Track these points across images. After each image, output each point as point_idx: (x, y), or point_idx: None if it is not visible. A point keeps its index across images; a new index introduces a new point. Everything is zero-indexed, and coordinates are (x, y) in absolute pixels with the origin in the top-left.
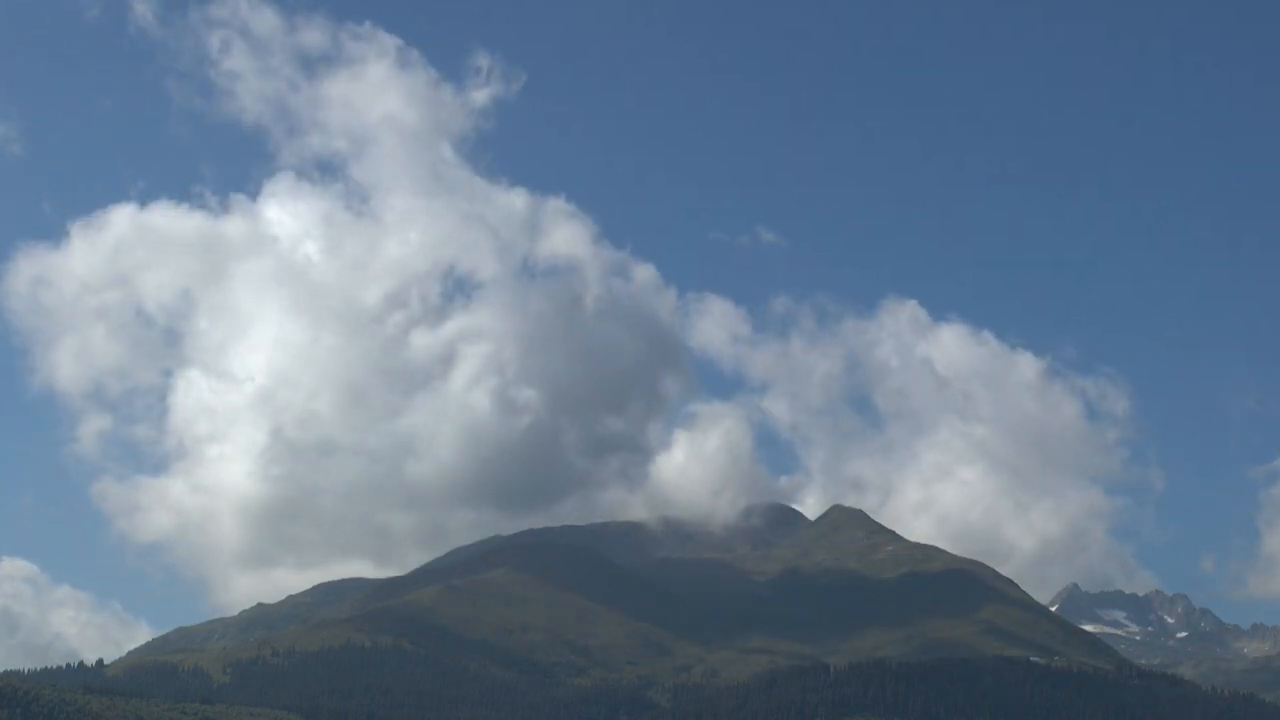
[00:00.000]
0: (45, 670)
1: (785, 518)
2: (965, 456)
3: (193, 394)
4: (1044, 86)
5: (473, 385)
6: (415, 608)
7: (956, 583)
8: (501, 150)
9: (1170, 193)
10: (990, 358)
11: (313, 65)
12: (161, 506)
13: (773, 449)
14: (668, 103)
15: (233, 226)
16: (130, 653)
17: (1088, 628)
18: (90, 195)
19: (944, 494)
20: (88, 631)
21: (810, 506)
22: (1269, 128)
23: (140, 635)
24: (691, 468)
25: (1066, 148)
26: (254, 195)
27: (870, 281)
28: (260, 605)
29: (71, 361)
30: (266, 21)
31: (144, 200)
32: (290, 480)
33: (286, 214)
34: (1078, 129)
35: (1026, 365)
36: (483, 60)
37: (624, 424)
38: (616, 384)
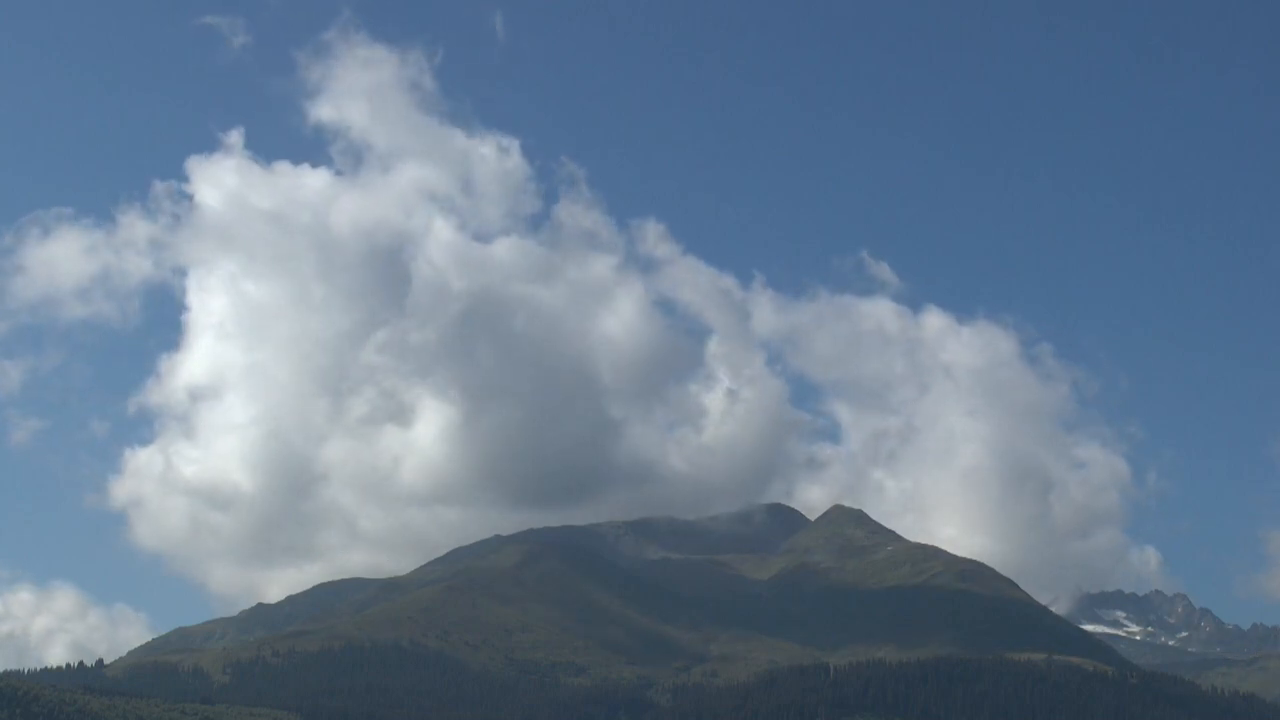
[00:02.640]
0: (45, 670)
1: (785, 518)
2: (965, 455)
3: (190, 389)
4: (1045, 83)
5: (471, 379)
6: (415, 608)
7: (956, 583)
8: (496, 105)
9: (1170, 191)
10: (990, 355)
11: (295, 30)
12: (160, 505)
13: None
14: (670, 71)
15: (223, 209)
16: (130, 653)
17: (1088, 628)
18: (79, 181)
19: (942, 492)
20: (88, 631)
21: (810, 506)
22: (1269, 127)
23: (140, 635)
24: (699, 459)
25: (1066, 143)
26: (240, 174)
27: (869, 268)
28: (260, 605)
29: (68, 357)
30: None
31: (137, 184)
32: (290, 479)
33: (278, 193)
34: (1090, 126)
35: (1027, 363)
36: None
37: (628, 419)
38: (623, 376)
